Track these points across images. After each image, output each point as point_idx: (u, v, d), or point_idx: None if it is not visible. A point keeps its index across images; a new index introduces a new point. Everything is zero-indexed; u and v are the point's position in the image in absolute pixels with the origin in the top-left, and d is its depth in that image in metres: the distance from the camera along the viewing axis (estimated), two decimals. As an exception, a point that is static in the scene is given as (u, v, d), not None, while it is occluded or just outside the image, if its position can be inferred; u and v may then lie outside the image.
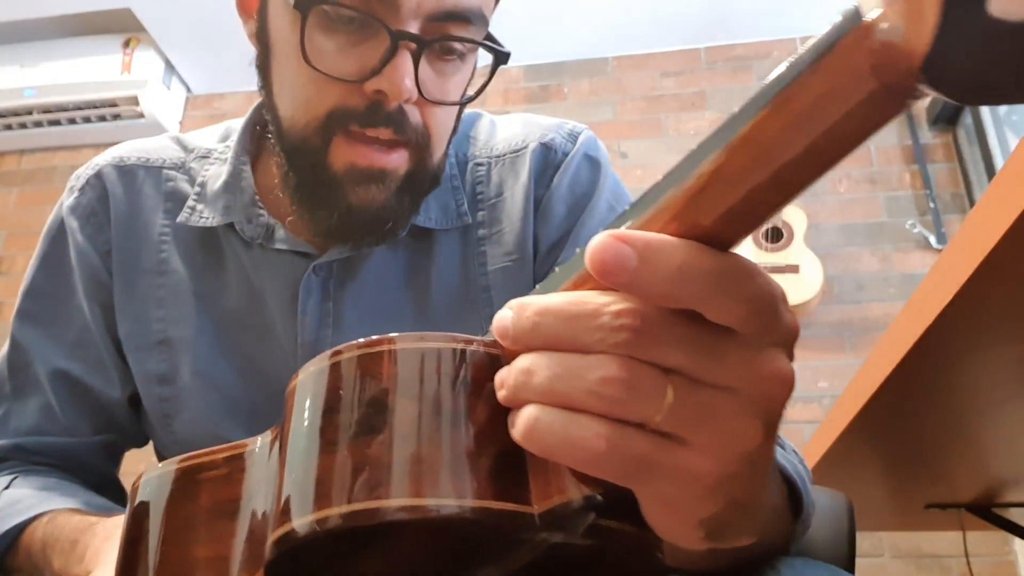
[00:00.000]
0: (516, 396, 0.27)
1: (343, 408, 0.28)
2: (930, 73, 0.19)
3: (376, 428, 0.27)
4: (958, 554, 1.99)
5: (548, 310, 0.27)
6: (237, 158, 0.71)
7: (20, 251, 2.84)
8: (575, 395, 0.26)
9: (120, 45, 2.78)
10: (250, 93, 2.94)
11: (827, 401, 2.20)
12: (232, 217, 0.69)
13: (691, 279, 0.25)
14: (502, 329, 0.28)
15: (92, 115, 2.78)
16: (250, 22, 0.65)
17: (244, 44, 0.69)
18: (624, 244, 0.25)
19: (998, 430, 0.74)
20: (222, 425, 0.68)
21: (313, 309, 0.68)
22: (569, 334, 0.26)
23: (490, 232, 0.71)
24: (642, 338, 0.25)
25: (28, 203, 2.92)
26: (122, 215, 0.72)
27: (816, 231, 2.36)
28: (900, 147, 2.45)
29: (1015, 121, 2.10)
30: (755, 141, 0.23)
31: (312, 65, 0.56)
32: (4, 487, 0.66)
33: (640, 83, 2.70)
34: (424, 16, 0.55)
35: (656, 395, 0.25)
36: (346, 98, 0.57)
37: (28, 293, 0.75)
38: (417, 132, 0.59)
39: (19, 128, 2.85)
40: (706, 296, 0.25)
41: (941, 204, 2.33)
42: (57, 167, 2.95)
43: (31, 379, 0.72)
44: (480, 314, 0.70)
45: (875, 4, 0.20)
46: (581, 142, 0.74)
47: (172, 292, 0.70)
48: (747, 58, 2.66)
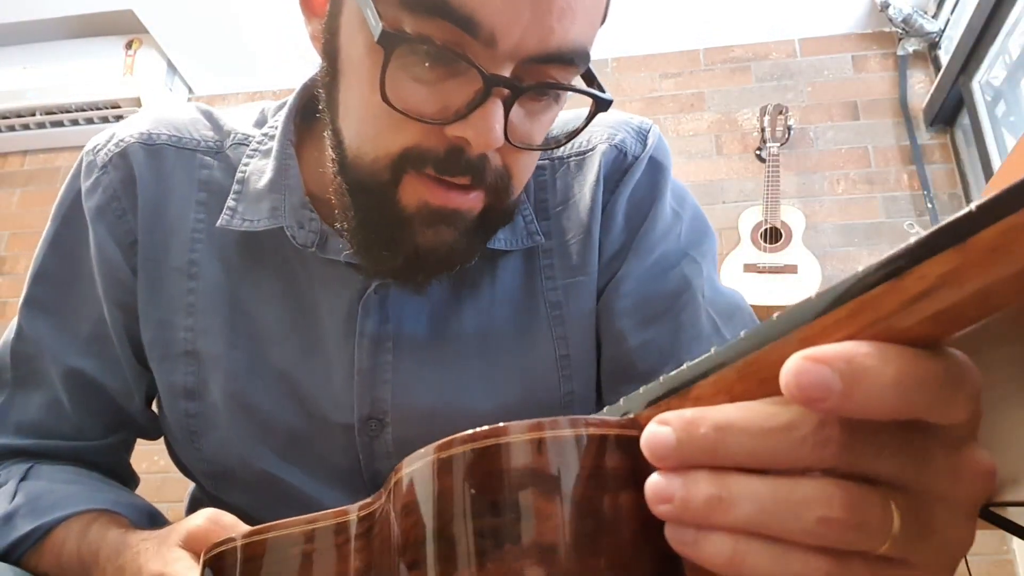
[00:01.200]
0: (703, 521, 0.24)
1: (475, 515, 0.26)
2: None
3: (515, 536, 0.25)
4: (956, 552, 2.00)
5: (732, 425, 0.24)
6: (282, 151, 0.63)
7: (22, 252, 2.84)
8: (790, 532, 0.23)
9: (122, 46, 2.78)
10: (252, 94, 2.94)
11: (826, 401, 2.21)
12: (280, 221, 0.61)
13: (909, 390, 0.22)
14: (662, 448, 0.25)
15: (95, 116, 2.79)
16: (314, 21, 0.56)
17: (245, 45, 0.65)
18: (824, 367, 0.21)
19: (996, 430, 0.75)
20: (255, 450, 0.63)
21: (371, 331, 0.62)
22: (766, 453, 0.23)
23: (557, 244, 0.65)
24: (850, 453, 0.23)
25: (30, 204, 2.92)
26: (150, 203, 0.63)
27: (814, 231, 2.37)
28: (898, 147, 2.46)
29: (1012, 122, 2.11)
30: (1000, 248, 0.19)
31: (391, 104, 0.47)
32: (20, 479, 0.61)
33: (639, 84, 2.71)
34: (522, 58, 0.47)
35: (884, 527, 0.23)
36: (423, 139, 0.50)
37: (37, 278, 0.67)
38: (497, 175, 0.52)
39: (22, 129, 2.86)
40: (929, 404, 0.22)
41: (939, 204, 2.34)
42: (60, 168, 2.95)
43: (37, 372, 0.66)
44: (552, 333, 0.64)
45: None
46: (651, 144, 0.67)
47: (204, 299, 0.63)
48: (746, 59, 2.67)
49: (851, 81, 2.57)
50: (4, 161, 3.00)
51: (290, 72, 2.84)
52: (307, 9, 0.56)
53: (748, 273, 2.29)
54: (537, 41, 0.46)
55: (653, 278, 0.64)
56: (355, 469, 0.64)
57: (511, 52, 0.46)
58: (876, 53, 2.59)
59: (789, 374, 0.22)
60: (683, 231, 0.67)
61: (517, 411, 0.63)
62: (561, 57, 0.48)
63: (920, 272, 0.20)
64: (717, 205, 2.49)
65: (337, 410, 0.62)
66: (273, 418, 0.63)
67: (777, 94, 2.58)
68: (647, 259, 0.65)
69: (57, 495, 0.60)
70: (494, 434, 0.26)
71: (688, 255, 0.65)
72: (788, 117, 2.44)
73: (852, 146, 2.49)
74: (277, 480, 0.63)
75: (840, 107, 2.55)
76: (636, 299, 0.64)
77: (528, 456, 0.26)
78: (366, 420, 0.63)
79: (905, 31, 2.47)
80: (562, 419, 0.26)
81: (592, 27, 0.50)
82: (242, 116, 0.69)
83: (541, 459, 0.26)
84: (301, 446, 0.64)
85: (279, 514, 0.68)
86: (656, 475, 0.25)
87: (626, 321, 0.63)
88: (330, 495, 0.64)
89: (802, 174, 2.48)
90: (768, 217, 2.32)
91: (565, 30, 0.47)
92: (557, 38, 0.47)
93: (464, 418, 0.64)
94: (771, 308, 2.25)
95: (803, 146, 2.51)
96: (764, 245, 2.31)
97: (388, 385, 0.62)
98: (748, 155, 2.53)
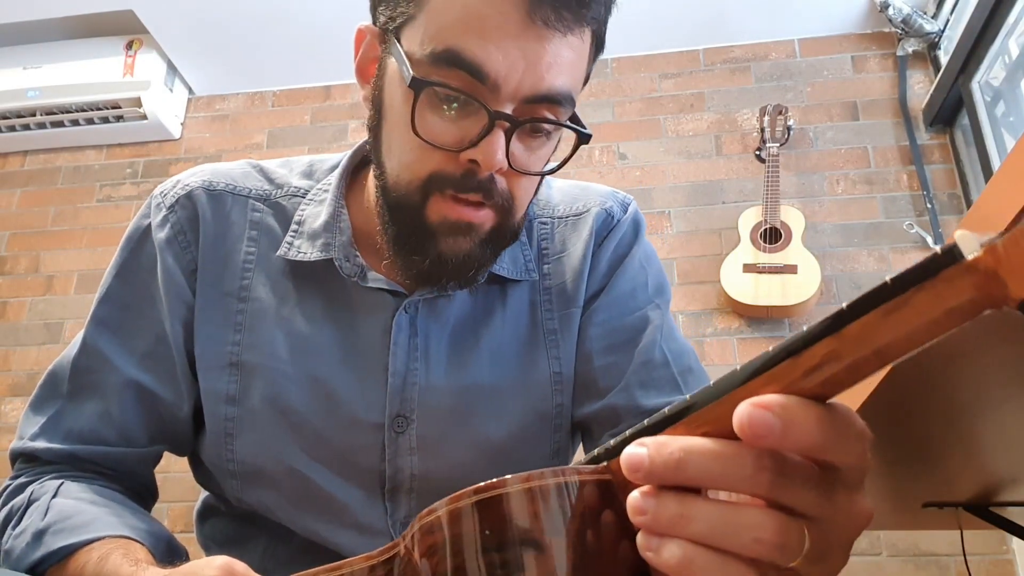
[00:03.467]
0: (666, 531, 0.32)
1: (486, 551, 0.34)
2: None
3: (520, 567, 0.33)
4: (956, 553, 2.00)
5: (694, 448, 0.32)
6: (336, 201, 0.77)
7: (23, 251, 2.85)
8: (731, 546, 0.31)
9: (123, 47, 2.79)
10: (251, 94, 2.95)
11: (826, 401, 2.22)
12: (331, 254, 0.75)
13: (821, 434, 0.30)
14: (636, 463, 0.33)
15: (95, 116, 2.80)
16: (366, 87, 0.72)
17: (245, 46, 0.72)
18: (768, 412, 0.30)
19: (996, 429, 0.75)
20: (286, 450, 0.73)
21: (403, 343, 0.75)
22: (716, 474, 0.31)
23: (555, 283, 0.81)
24: (781, 479, 0.31)
25: (31, 204, 2.93)
26: (210, 237, 0.76)
27: (814, 232, 2.37)
28: (897, 148, 2.46)
29: (1012, 122, 2.12)
30: (864, 336, 0.29)
31: (419, 135, 0.63)
32: (52, 495, 0.68)
33: (639, 84, 2.71)
34: (521, 98, 0.62)
35: (798, 548, 0.31)
36: (444, 164, 0.64)
37: (104, 300, 0.77)
38: (503, 196, 0.66)
39: (22, 129, 2.86)
40: (831, 445, 0.31)
41: (938, 204, 2.34)
42: (60, 168, 2.96)
43: (94, 384, 0.74)
44: (548, 354, 0.79)
45: (974, 247, 0.26)
46: (630, 211, 0.85)
47: (252, 318, 0.75)
48: (745, 59, 2.67)
49: (851, 81, 2.58)
50: (4, 161, 3.01)
51: (290, 72, 2.85)
52: (361, 78, 0.72)
53: (748, 273, 2.29)
54: (531, 85, 0.61)
55: (620, 315, 0.80)
56: (375, 468, 0.74)
57: (511, 94, 0.61)
58: (876, 53, 2.59)
59: (742, 416, 0.30)
60: (649, 282, 0.83)
61: (519, 417, 0.77)
62: (550, 98, 0.63)
63: (810, 352, 0.30)
64: (717, 205, 2.49)
65: (369, 411, 0.74)
66: (305, 419, 0.73)
67: (777, 94, 2.58)
68: (618, 298, 0.81)
69: (85, 516, 0.66)
70: (495, 487, 0.34)
71: (652, 302, 0.81)
72: (788, 117, 2.44)
73: (852, 146, 2.49)
74: (303, 477, 0.73)
75: (840, 107, 2.55)
76: (606, 329, 0.79)
77: (524, 503, 0.34)
78: (395, 417, 0.74)
79: (905, 31, 2.48)
80: (547, 471, 0.35)
81: (575, 80, 0.65)
82: (291, 169, 0.83)
83: (534, 505, 0.34)
84: (327, 445, 0.74)
85: (301, 509, 0.74)
86: (636, 493, 0.33)
87: (595, 345, 0.79)
88: (349, 492, 0.74)
89: (802, 174, 2.48)
90: (768, 217, 2.33)
91: (553, 78, 0.62)
92: (546, 84, 0.62)
93: (476, 419, 0.75)
94: (771, 308, 2.25)
95: (803, 146, 2.51)
96: (764, 245, 2.31)
97: (416, 387, 0.75)
98: (748, 155, 2.54)
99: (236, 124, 2.94)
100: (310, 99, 2.91)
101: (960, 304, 0.27)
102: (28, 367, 2.67)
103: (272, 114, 2.92)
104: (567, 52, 0.62)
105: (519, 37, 0.60)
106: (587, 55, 0.67)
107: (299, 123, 2.89)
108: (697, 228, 2.49)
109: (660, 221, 2.49)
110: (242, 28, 2.63)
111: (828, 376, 0.30)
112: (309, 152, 2.79)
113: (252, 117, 2.94)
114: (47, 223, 2.89)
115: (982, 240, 0.26)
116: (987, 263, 0.26)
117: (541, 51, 0.61)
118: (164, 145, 2.93)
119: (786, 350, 0.31)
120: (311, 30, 2.62)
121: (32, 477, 0.73)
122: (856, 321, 0.29)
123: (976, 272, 0.26)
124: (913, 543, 2.07)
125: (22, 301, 2.78)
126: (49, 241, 2.86)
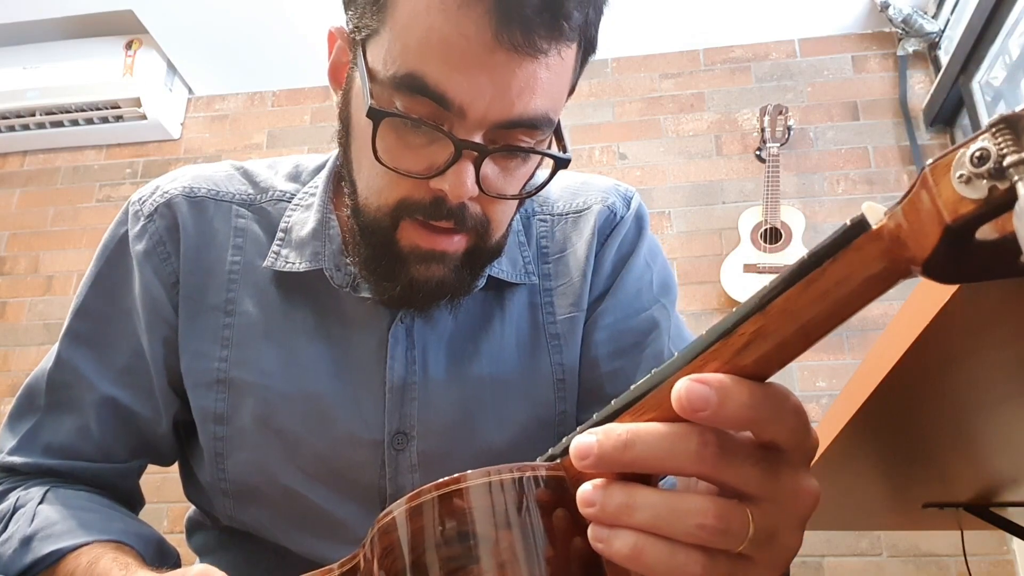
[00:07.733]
0: (614, 521, 0.33)
1: (444, 545, 0.34)
2: (927, 269, 0.27)
3: (476, 558, 0.33)
4: (956, 553, 2.00)
5: (640, 430, 0.33)
6: (324, 206, 0.73)
7: (22, 252, 2.85)
8: (677, 533, 0.32)
9: (122, 47, 2.79)
10: (251, 94, 2.95)
11: (825, 400, 2.22)
12: (321, 264, 0.70)
13: (756, 407, 0.31)
14: (585, 451, 0.34)
15: (94, 117, 2.80)
16: (338, 93, 0.67)
17: (245, 46, 0.70)
18: (704, 386, 0.31)
19: (996, 430, 0.74)
20: (280, 469, 0.70)
21: (400, 355, 0.71)
22: (663, 453, 0.32)
23: (556, 284, 0.77)
24: (724, 456, 0.32)
25: (30, 204, 2.93)
26: (192, 248, 0.72)
27: (814, 232, 2.37)
28: (897, 148, 2.46)
29: (1012, 123, 2.11)
30: (787, 310, 0.30)
31: (382, 163, 0.59)
32: (38, 501, 0.67)
33: (639, 84, 2.71)
34: (490, 125, 0.57)
35: (742, 532, 0.32)
36: (413, 191, 0.60)
37: (79, 313, 0.73)
38: (476, 220, 0.62)
39: (22, 129, 2.86)
40: (767, 418, 0.32)
41: (939, 205, 2.34)
42: (59, 168, 2.96)
43: (71, 399, 0.72)
44: (551, 360, 0.75)
45: (879, 216, 0.28)
46: (634, 206, 0.81)
47: (240, 333, 0.71)
48: (745, 60, 2.67)
49: (851, 81, 2.57)
50: (4, 161, 3.01)
51: (289, 73, 2.84)
52: (333, 81, 0.68)
53: (748, 273, 2.29)
54: (499, 112, 0.56)
55: (627, 317, 0.76)
56: (375, 485, 0.71)
57: (479, 121, 0.56)
58: (876, 53, 2.59)
59: (680, 391, 0.31)
60: (655, 281, 0.79)
61: (522, 427, 0.73)
62: (523, 123, 0.57)
63: (740, 331, 0.32)
64: (717, 205, 2.49)
65: (366, 428, 0.70)
66: (299, 438, 0.70)
67: (777, 94, 2.58)
68: (624, 300, 0.77)
69: (73, 522, 0.65)
70: (456, 481, 0.35)
71: (659, 302, 0.78)
72: (788, 117, 2.44)
73: (852, 146, 2.49)
74: (300, 496, 0.70)
75: (840, 107, 2.55)
76: (611, 332, 0.75)
77: (482, 496, 0.35)
78: (395, 434, 0.70)
79: (905, 31, 2.47)
80: (504, 466, 0.35)
81: (554, 99, 0.59)
82: (276, 171, 0.79)
83: (492, 498, 0.35)
84: (323, 464, 0.70)
85: (296, 527, 0.71)
86: (586, 485, 0.34)
87: (601, 350, 0.75)
88: (348, 509, 0.70)
89: (802, 174, 2.48)
90: (768, 217, 2.32)
91: (525, 103, 0.56)
92: (517, 110, 0.56)
93: (478, 430, 0.71)
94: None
95: (803, 146, 2.51)
96: (764, 245, 2.31)
97: (415, 402, 0.71)
98: (748, 155, 2.53)
99: (236, 124, 2.94)
100: (310, 99, 2.91)
101: (874, 273, 0.28)
102: (28, 367, 2.67)
103: (272, 114, 2.92)
104: (543, 73, 0.56)
105: (485, 63, 0.54)
106: (571, 67, 0.61)
107: (299, 123, 2.89)
108: (697, 228, 2.49)
109: (660, 221, 2.49)
110: (242, 28, 2.63)
111: (759, 355, 0.31)
112: (309, 152, 2.79)
113: (252, 117, 2.93)
114: (46, 223, 2.89)
115: (887, 209, 0.28)
116: (890, 229, 0.28)
117: (510, 76, 0.55)
118: (164, 145, 2.93)
119: (718, 332, 0.32)
120: (311, 30, 2.62)
121: (15, 483, 0.71)
122: (780, 297, 0.30)
123: (882, 239, 0.28)
124: (913, 544, 2.06)
125: (21, 301, 2.78)
126: (49, 241, 2.86)
